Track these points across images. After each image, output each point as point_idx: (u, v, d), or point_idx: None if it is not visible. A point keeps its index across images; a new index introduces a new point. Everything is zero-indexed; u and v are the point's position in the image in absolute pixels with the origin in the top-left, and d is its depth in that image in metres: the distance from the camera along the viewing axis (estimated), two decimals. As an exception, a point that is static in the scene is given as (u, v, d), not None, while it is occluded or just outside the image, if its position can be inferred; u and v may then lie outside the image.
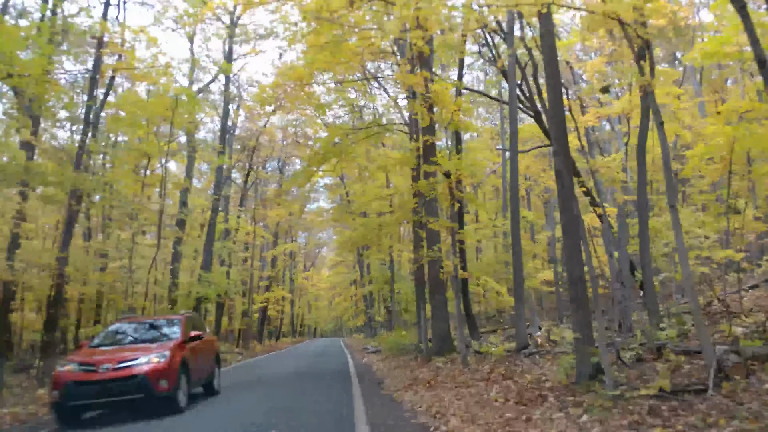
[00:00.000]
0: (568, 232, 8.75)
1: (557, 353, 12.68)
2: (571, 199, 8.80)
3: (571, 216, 8.73)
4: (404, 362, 17.59)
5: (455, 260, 13.17)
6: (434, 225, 13.46)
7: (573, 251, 8.65)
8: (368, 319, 39.73)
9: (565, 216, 8.79)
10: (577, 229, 8.80)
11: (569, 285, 8.63)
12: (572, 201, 8.82)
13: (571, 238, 8.72)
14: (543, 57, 10.02)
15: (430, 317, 17.37)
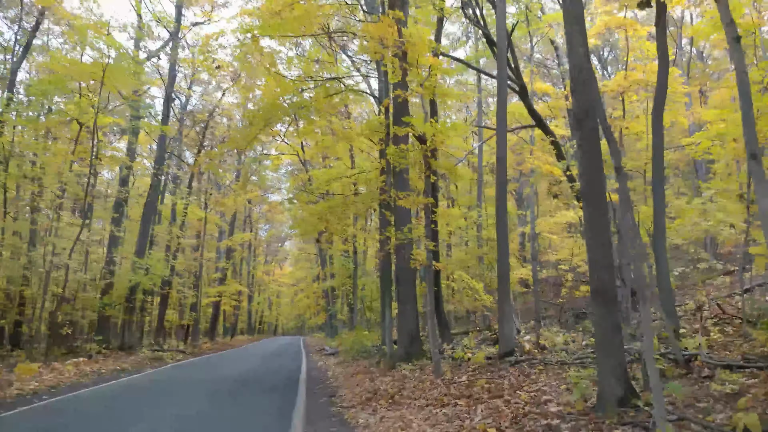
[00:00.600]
0: (592, 201, 6.32)
1: (551, 362, 10.28)
2: (596, 159, 6.37)
3: (594, 180, 6.31)
4: (365, 368, 15.03)
5: (429, 244, 10.65)
6: (405, 201, 10.93)
7: (598, 226, 6.21)
8: (329, 317, 36.97)
9: (588, 178, 6.35)
10: (602, 197, 6.38)
11: (592, 272, 6.19)
12: (597, 161, 6.39)
13: (596, 208, 6.28)
14: None
15: (396, 315, 14.87)
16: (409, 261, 13.30)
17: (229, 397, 10.44)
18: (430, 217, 10.89)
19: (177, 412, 8.86)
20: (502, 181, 11.88)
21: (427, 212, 10.86)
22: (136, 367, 18.26)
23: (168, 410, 9.06)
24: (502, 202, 12.12)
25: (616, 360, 5.80)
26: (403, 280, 13.79)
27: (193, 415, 8.58)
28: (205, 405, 9.51)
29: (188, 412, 8.85)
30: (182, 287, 35.13)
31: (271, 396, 10.74)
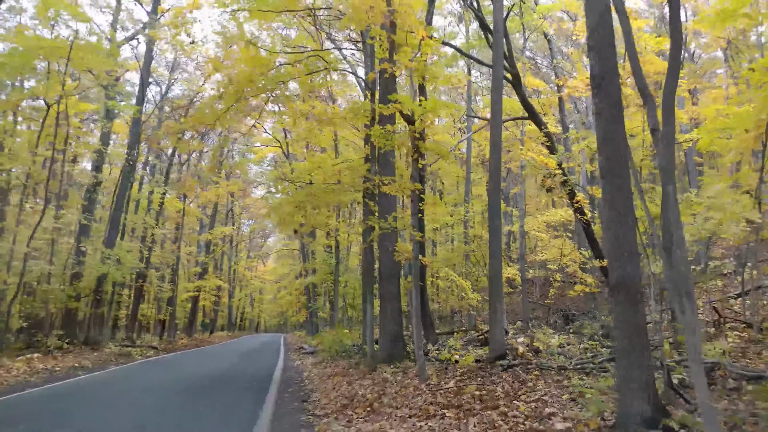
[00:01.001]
0: (614, 175, 5.29)
1: (548, 367, 9.28)
2: (618, 125, 5.34)
3: (616, 150, 5.29)
4: (343, 369, 13.95)
5: (416, 234, 9.59)
6: (390, 188, 9.87)
7: (621, 205, 5.18)
8: (309, 314, 35.80)
9: (609, 148, 5.33)
10: (624, 170, 5.36)
11: (612, 262, 5.16)
12: (620, 127, 5.36)
13: (618, 184, 5.25)
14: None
15: (378, 314, 13.83)
16: (394, 254, 12.26)
17: (187, 402, 9.31)
18: (417, 206, 9.85)
19: (115, 420, 7.73)
20: (496, 167, 10.86)
21: (414, 200, 9.80)
22: (98, 364, 17.03)
23: (108, 418, 7.92)
24: (495, 192, 11.11)
25: (642, 371, 4.78)
26: (386, 275, 12.73)
27: (135, 426, 7.43)
28: (152, 413, 8.36)
29: (130, 421, 7.71)
30: (159, 281, 33.81)
31: (236, 401, 9.63)
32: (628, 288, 4.94)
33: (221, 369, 15.78)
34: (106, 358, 18.31)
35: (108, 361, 17.88)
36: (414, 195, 9.78)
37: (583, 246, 26.81)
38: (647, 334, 4.96)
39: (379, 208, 11.99)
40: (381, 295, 12.64)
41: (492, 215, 11.10)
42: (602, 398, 5.71)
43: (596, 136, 5.56)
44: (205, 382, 12.42)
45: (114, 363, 17.76)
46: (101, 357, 18.39)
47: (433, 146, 9.95)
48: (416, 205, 9.77)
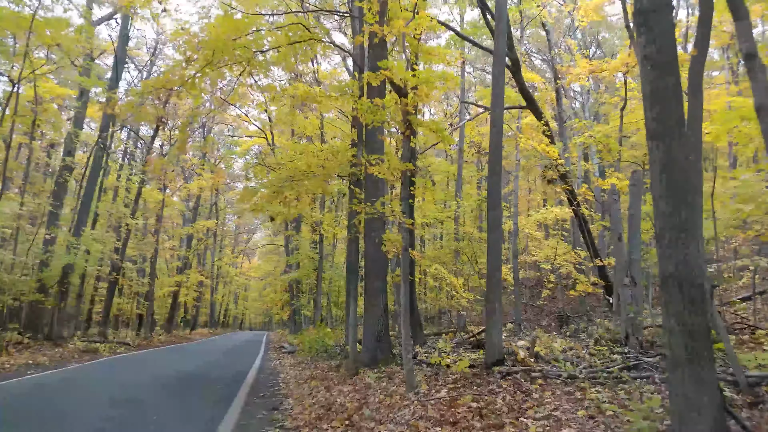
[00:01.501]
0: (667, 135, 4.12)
1: (554, 376, 8.12)
2: (672, 71, 4.17)
3: (669, 103, 4.13)
4: (322, 372, 12.74)
5: (407, 221, 8.38)
6: (378, 168, 8.66)
7: (679, 172, 4.01)
8: (292, 312, 34.50)
9: (660, 101, 4.16)
10: (680, 126, 4.19)
11: (666, 248, 3.98)
12: (674, 73, 4.19)
13: (673, 147, 4.09)
14: None
15: (363, 312, 12.64)
16: (380, 246, 11.06)
17: (132, 412, 8.05)
18: (408, 190, 8.65)
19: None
20: (497, 151, 9.69)
21: (404, 183, 8.60)
22: (57, 361, 15.69)
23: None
24: (495, 179, 9.94)
25: (703, 388, 3.61)
26: (372, 269, 11.53)
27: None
28: (80, 428, 7.09)
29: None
30: (138, 275, 32.38)
31: (195, 410, 8.39)
32: (685, 280, 3.78)
33: (190, 369, 14.51)
34: (67, 355, 16.97)
35: (69, 359, 16.53)
36: (405, 177, 8.59)
37: (578, 246, 25.83)
38: (711, 339, 3.80)
39: (366, 193, 10.81)
40: (366, 291, 11.44)
41: (491, 205, 9.94)
42: (642, 420, 4.54)
43: (642, 90, 4.37)
44: (167, 384, 11.15)
45: (76, 360, 16.41)
46: (63, 354, 17.03)
47: (428, 123, 8.74)
48: (407, 189, 8.58)
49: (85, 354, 18.08)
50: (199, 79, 9.91)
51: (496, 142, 9.89)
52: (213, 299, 63.54)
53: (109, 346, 21.11)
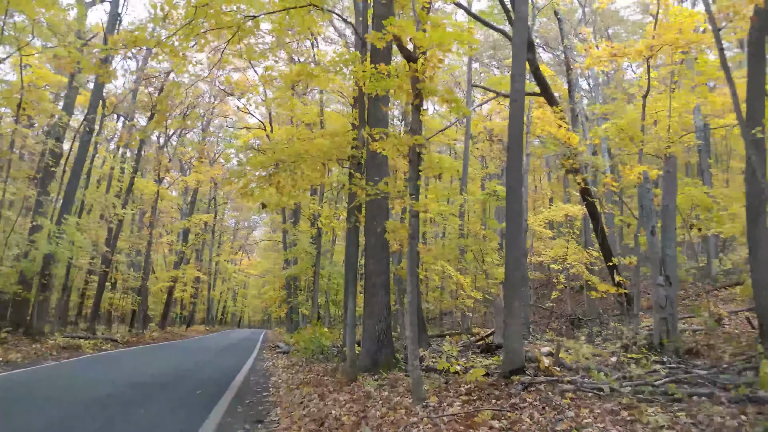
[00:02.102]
0: None
1: (588, 388, 6.91)
2: None
3: None
4: (317, 376, 11.55)
5: (417, 206, 7.17)
6: (382, 144, 7.47)
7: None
8: (289, 309, 33.29)
9: None
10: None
11: None
12: None
13: None
14: None
15: (363, 311, 11.47)
16: (383, 237, 9.87)
17: (93, 419, 6.86)
18: (416, 168, 7.44)
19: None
20: (518, 119, 8.48)
21: (412, 160, 7.39)
22: (32, 359, 14.51)
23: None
24: (515, 167, 8.73)
25: None
26: (373, 263, 10.32)
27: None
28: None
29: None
30: (133, 269, 31.18)
31: (167, 419, 7.20)
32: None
33: (175, 369, 13.32)
34: (44, 352, 15.77)
35: (46, 356, 15.35)
36: (413, 153, 7.38)
37: (589, 245, 24.60)
38: None
39: (367, 175, 9.64)
40: (366, 288, 10.24)
41: (511, 197, 8.71)
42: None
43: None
44: (145, 385, 9.97)
45: (53, 358, 15.23)
46: (40, 350, 15.83)
47: (442, 91, 7.51)
48: (416, 168, 7.37)
49: (65, 351, 16.90)
50: (180, 42, 8.70)
51: (517, 115, 8.69)
52: (210, 296, 62.36)
53: (94, 343, 19.91)
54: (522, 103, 8.87)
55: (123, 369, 13.05)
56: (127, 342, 24.08)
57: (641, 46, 15.25)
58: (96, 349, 18.97)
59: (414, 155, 7.50)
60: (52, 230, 17.14)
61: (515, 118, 8.66)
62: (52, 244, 16.91)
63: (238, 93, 31.05)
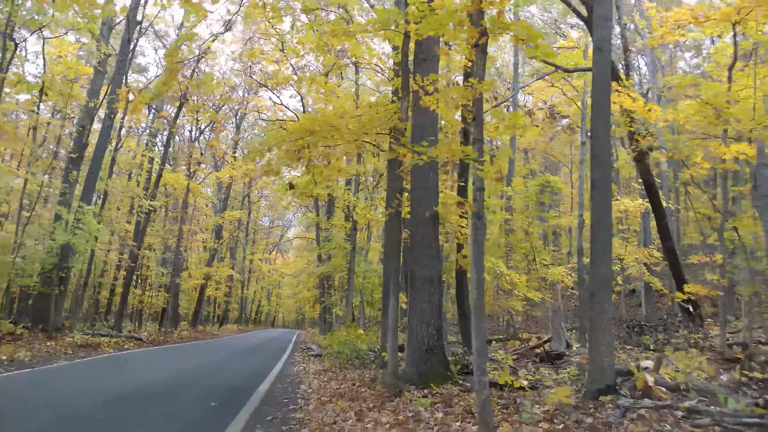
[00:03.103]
0: None
1: (731, 422, 5.10)
2: None
3: None
4: (353, 386, 9.93)
5: (485, 171, 5.46)
6: (436, 97, 5.82)
7: None
8: (322, 309, 31.84)
9: None
10: None
11: None
12: None
13: None
14: None
15: (407, 311, 9.82)
16: (432, 223, 8.20)
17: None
18: (481, 126, 5.73)
19: None
20: (604, 72, 6.71)
21: (477, 117, 5.71)
22: (43, 357, 13.27)
23: None
24: (603, 125, 6.96)
25: None
26: (419, 253, 8.63)
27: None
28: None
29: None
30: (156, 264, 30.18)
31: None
32: None
33: (195, 372, 11.87)
34: (58, 350, 14.55)
35: (59, 354, 14.12)
36: (477, 108, 5.70)
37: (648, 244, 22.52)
38: None
39: (413, 132, 8.01)
40: (412, 284, 8.56)
41: (598, 173, 6.95)
42: None
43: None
44: (151, 393, 8.51)
45: (67, 357, 13.99)
46: (54, 348, 14.62)
47: (522, 25, 5.77)
48: (480, 125, 5.67)
49: (82, 349, 15.69)
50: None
51: (604, 67, 6.92)
52: (244, 295, 61.54)
53: (116, 341, 18.72)
54: (609, 52, 7.13)
55: (141, 370, 11.66)
56: (152, 341, 22.93)
57: (733, 7, 13.22)
58: (117, 348, 17.75)
59: (479, 110, 5.81)
60: (68, 220, 15.94)
61: (601, 71, 6.91)
62: (69, 233, 15.70)
63: (271, 83, 29.82)
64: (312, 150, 9.02)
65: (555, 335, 15.04)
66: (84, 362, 13.00)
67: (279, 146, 8.71)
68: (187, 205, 30.01)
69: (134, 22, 18.54)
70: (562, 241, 36.88)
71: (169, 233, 31.02)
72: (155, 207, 24.33)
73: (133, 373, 11.32)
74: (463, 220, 11.01)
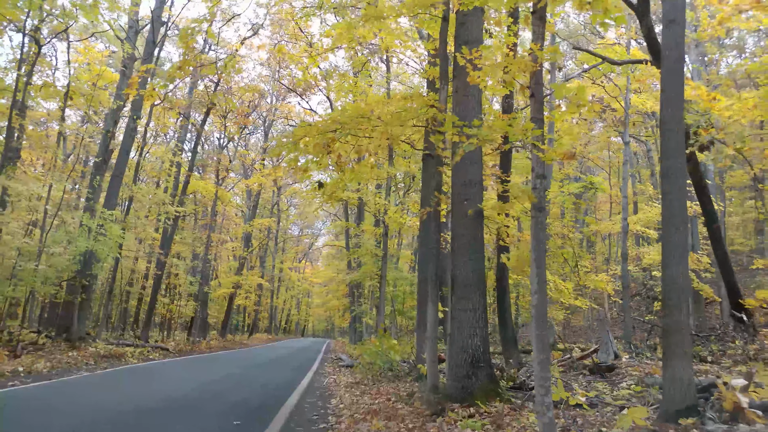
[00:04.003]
0: None
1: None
2: None
3: None
4: (387, 400, 9.11)
5: (549, 154, 4.62)
6: (488, 72, 5.02)
7: None
8: (352, 318, 31.07)
9: None
10: None
11: None
12: None
13: None
14: None
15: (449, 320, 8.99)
16: (477, 221, 7.38)
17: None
18: (540, 102, 4.92)
19: None
20: (676, 45, 5.83)
21: (536, 93, 4.89)
22: (63, 368, 12.77)
23: None
24: (675, 91, 6.06)
25: None
26: (462, 255, 7.77)
27: None
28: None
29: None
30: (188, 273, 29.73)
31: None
32: None
33: (218, 385, 11.16)
34: (80, 361, 14.03)
35: (80, 365, 13.60)
36: (536, 81, 4.88)
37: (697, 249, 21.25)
38: None
39: (454, 105, 7.20)
40: (453, 290, 7.71)
41: (673, 172, 6.03)
42: None
43: None
44: (170, 410, 7.82)
45: (88, 368, 13.47)
46: (76, 358, 14.11)
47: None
48: (540, 100, 4.85)
49: (105, 359, 15.18)
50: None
51: (676, 39, 6.03)
52: (274, 304, 61.18)
53: (141, 351, 18.23)
54: (683, 24, 6.22)
55: (151, 385, 10.98)
56: (179, 351, 22.44)
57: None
58: (142, 358, 17.24)
59: (538, 85, 4.99)
60: (90, 226, 15.48)
61: (673, 44, 6.02)
62: (90, 239, 15.23)
63: (299, 82, 29.34)
64: (341, 143, 8.30)
65: (602, 345, 14.00)
66: (103, 374, 12.43)
67: (306, 140, 7.99)
68: (215, 213, 29.61)
69: (159, 22, 18.17)
70: (597, 248, 35.57)
71: (197, 241, 30.64)
72: (181, 213, 23.86)
73: (152, 386, 10.67)
74: (508, 219, 10.13)
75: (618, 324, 21.81)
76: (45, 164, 28.10)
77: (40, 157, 26.43)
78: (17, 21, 13.96)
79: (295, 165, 8.17)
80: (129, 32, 20.21)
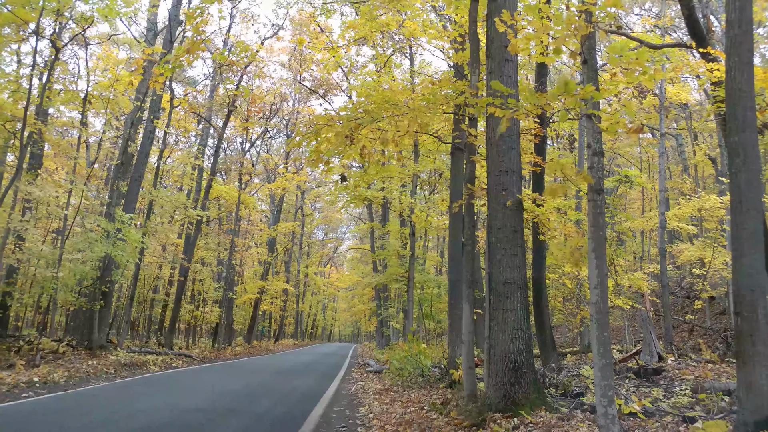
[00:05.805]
0: None
1: None
2: None
3: None
4: (420, 409, 8.46)
5: (613, 125, 3.96)
6: (532, 38, 4.37)
7: None
8: (379, 322, 30.43)
9: None
10: None
11: None
12: None
13: None
14: None
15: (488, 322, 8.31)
16: (516, 213, 6.73)
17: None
18: (596, 66, 4.25)
19: None
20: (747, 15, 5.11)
21: (588, 59, 4.24)
22: (81, 378, 12.35)
23: None
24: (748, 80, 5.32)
25: None
26: (501, 250, 7.08)
27: None
28: None
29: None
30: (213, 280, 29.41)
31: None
32: None
33: (240, 395, 10.61)
34: (100, 369, 13.62)
35: (99, 374, 13.18)
36: (590, 45, 4.21)
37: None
38: None
39: (487, 88, 6.54)
40: (491, 290, 7.03)
41: (745, 150, 5.27)
42: None
43: None
44: (186, 425, 7.27)
45: (108, 377, 13.06)
46: (95, 367, 13.69)
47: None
48: (595, 65, 4.19)
49: (126, 368, 14.77)
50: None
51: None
52: (299, 309, 60.81)
53: (164, 359, 17.82)
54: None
55: (170, 395, 10.42)
56: (203, 358, 22.04)
57: None
58: (164, 366, 16.82)
59: (591, 50, 4.32)
60: (109, 231, 15.10)
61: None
62: (108, 244, 14.83)
63: (321, 89, 28.93)
64: (365, 134, 7.69)
65: (644, 347, 13.18)
66: (122, 383, 11.98)
67: (328, 130, 7.40)
68: (239, 218, 29.26)
69: (176, 21, 17.82)
70: (629, 245, 34.45)
71: (221, 246, 30.32)
72: (203, 217, 23.49)
73: (171, 396, 10.15)
74: (549, 211, 9.41)
75: (656, 324, 20.82)
76: (68, 172, 28.11)
77: (65, 165, 26.42)
78: (32, 22, 13.64)
79: (317, 156, 7.57)
80: (148, 35, 19.96)
